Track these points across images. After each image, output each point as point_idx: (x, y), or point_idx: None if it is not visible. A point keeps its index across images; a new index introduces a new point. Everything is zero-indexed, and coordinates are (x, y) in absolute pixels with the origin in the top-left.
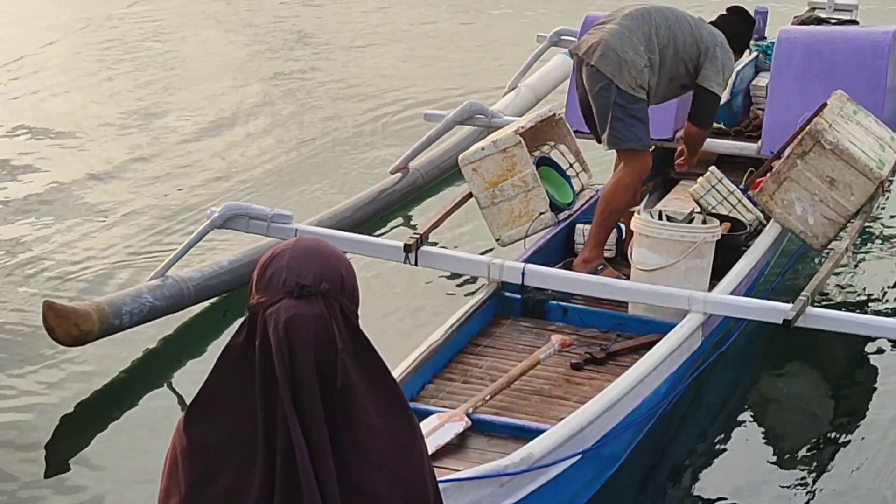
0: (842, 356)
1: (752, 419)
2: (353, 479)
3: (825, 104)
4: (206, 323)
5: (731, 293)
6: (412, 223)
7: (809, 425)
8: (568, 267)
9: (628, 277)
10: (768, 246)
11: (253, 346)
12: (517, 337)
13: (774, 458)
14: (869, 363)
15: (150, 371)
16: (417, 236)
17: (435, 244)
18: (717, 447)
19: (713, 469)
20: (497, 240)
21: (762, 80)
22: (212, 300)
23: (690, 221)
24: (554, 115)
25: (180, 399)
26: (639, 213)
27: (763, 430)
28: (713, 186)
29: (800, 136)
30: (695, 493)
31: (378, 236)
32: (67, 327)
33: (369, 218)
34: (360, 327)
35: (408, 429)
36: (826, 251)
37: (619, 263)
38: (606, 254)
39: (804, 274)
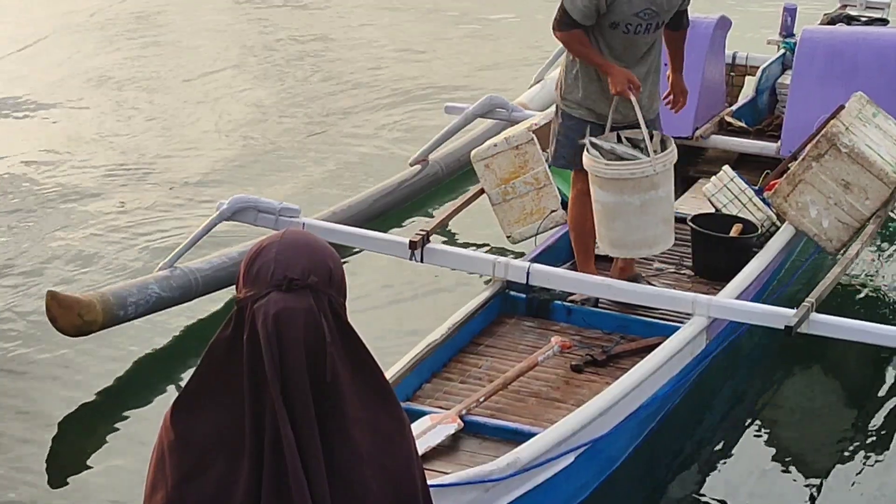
0: (854, 363)
1: (758, 426)
2: (342, 473)
3: (842, 106)
4: (215, 316)
5: (739, 296)
6: (430, 216)
7: (816, 433)
8: (575, 267)
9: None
10: (780, 248)
11: (240, 340)
12: (520, 337)
13: (779, 466)
14: (881, 370)
15: (157, 365)
16: (423, 233)
17: (453, 237)
18: (721, 452)
19: (716, 475)
20: (508, 237)
21: (789, 78)
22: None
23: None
24: None
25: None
26: (588, 150)
27: (769, 437)
28: (725, 185)
29: (816, 139)
30: (693, 497)
31: (396, 227)
32: (70, 317)
33: (388, 209)
34: (348, 320)
35: (396, 422)
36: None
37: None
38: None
39: (819, 279)
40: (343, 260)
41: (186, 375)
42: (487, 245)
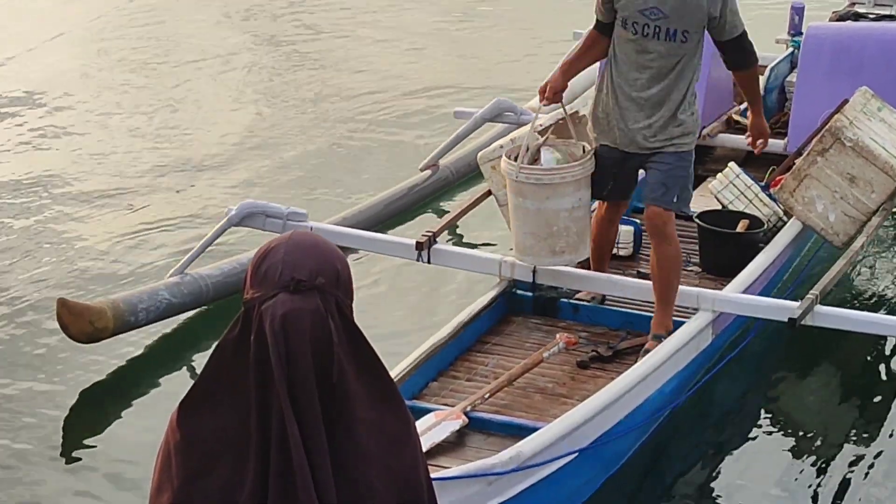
0: (860, 359)
1: (765, 423)
2: (348, 473)
3: (846, 101)
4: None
5: (745, 291)
6: (438, 217)
7: (823, 429)
8: (583, 265)
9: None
10: (787, 243)
11: (247, 341)
12: (527, 335)
13: (786, 463)
14: (888, 366)
15: (164, 364)
16: (430, 234)
17: (460, 238)
18: (728, 450)
19: (722, 472)
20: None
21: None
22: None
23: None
24: (577, 112)
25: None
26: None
27: (776, 434)
28: (731, 182)
29: (820, 134)
30: (701, 495)
31: (403, 229)
32: (81, 325)
33: (399, 213)
34: (355, 322)
35: (402, 422)
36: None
37: (636, 260)
38: (622, 252)
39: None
40: (353, 259)
41: (191, 373)
42: (494, 245)
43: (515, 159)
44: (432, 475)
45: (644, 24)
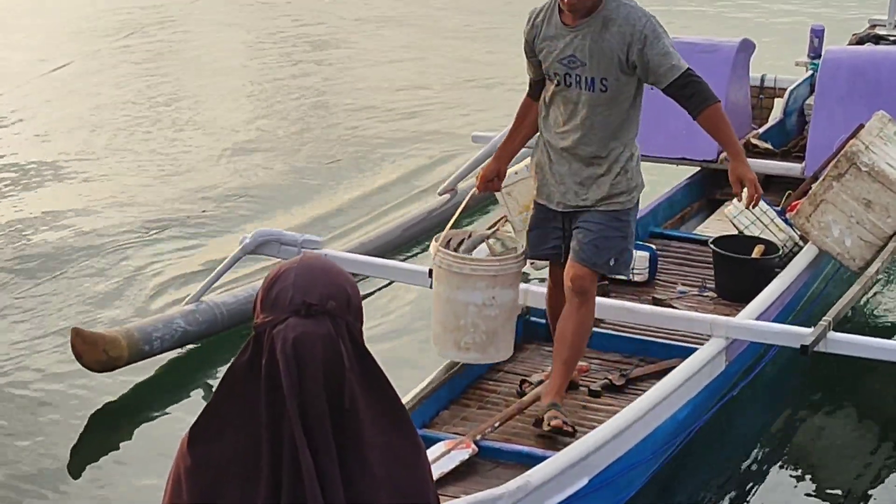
0: (879, 384)
1: (780, 449)
2: (358, 495)
3: (862, 125)
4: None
5: (759, 317)
6: None
7: (839, 458)
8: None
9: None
10: (802, 269)
11: (258, 366)
12: (540, 362)
13: (802, 492)
14: None
15: (173, 388)
16: None
17: None
18: (741, 479)
19: (734, 497)
20: (531, 263)
21: None
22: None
23: (472, 249)
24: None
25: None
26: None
27: (791, 460)
28: (747, 207)
29: (836, 159)
30: None
31: (416, 255)
32: (95, 354)
33: (418, 238)
34: (365, 346)
35: (412, 447)
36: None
37: (651, 286)
38: (637, 277)
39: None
40: (365, 288)
41: (200, 395)
42: None
43: (449, 244)
44: None
45: (565, 73)
